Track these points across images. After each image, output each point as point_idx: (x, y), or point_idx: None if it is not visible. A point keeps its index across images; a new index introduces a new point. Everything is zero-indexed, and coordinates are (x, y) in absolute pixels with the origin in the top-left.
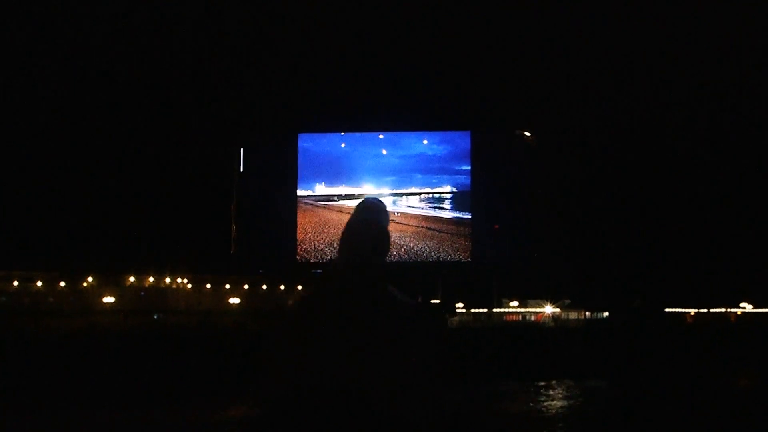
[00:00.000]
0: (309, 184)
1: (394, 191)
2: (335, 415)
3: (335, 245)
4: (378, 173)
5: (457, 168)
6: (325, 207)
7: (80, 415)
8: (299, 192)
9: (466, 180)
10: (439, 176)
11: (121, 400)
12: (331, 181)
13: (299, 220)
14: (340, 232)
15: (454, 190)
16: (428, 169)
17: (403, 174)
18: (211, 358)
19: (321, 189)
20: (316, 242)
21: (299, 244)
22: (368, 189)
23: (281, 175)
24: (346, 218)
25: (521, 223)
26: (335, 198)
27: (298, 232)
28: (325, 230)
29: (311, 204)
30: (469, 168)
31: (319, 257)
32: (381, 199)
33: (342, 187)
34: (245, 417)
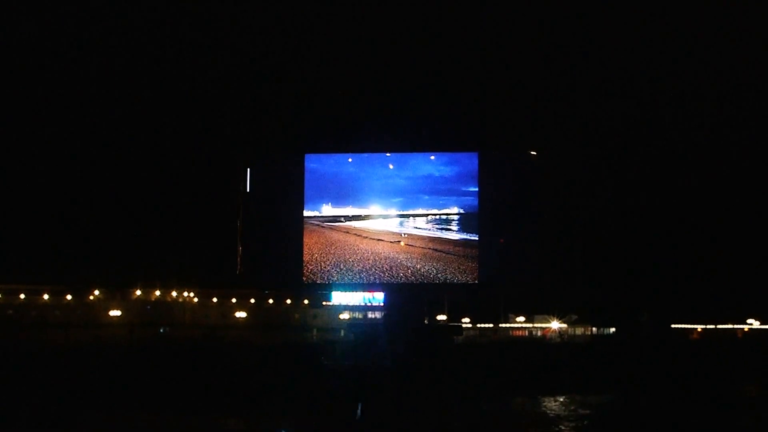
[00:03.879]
0: (316, 205)
1: (402, 212)
2: None
3: (342, 266)
4: (385, 194)
5: (464, 189)
6: (331, 228)
7: (83, 425)
8: (306, 213)
9: (473, 201)
10: (446, 197)
11: (126, 411)
12: (337, 201)
13: (306, 240)
14: (346, 253)
15: (461, 211)
16: (435, 191)
17: (411, 195)
18: (216, 371)
19: (327, 210)
20: (322, 263)
21: (305, 265)
22: (375, 210)
23: (288, 195)
24: (352, 239)
25: (529, 242)
26: (342, 219)
27: (305, 252)
28: (332, 251)
29: (317, 225)
30: (477, 189)
31: (326, 278)
32: (389, 219)
33: (348, 208)
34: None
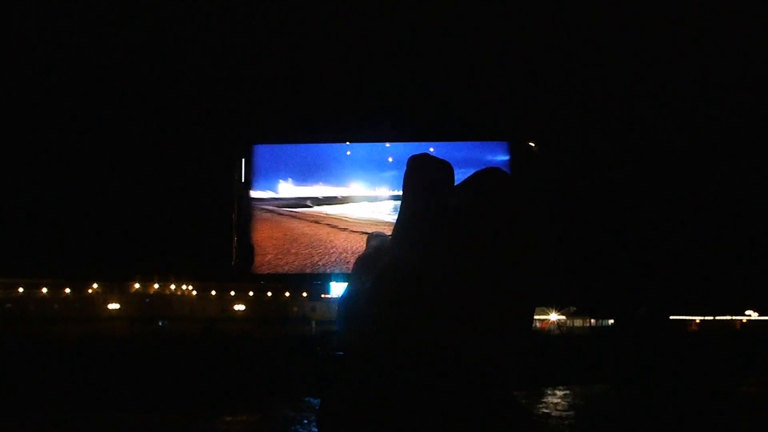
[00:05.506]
0: (270, 183)
1: (396, 193)
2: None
3: (309, 272)
4: (371, 166)
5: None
6: (292, 216)
7: (84, 419)
8: (256, 194)
9: None
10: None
11: (126, 405)
12: (301, 176)
13: (256, 235)
14: (315, 254)
15: None
16: None
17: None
18: (215, 365)
19: (286, 189)
20: (278, 267)
21: (256, 269)
22: (357, 189)
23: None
24: (323, 233)
25: None
26: (308, 203)
27: (256, 252)
28: (293, 249)
29: (271, 210)
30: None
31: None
32: (378, 202)
33: (318, 186)
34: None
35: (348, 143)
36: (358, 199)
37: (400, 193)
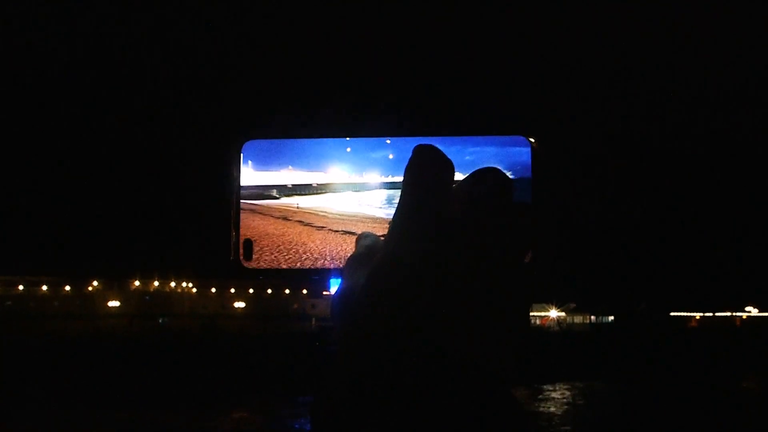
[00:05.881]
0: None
1: (391, 180)
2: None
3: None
4: (358, 147)
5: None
6: (254, 209)
7: (84, 417)
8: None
9: None
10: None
11: (125, 403)
12: (265, 159)
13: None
14: (283, 261)
15: None
16: None
17: (403, 148)
18: (215, 362)
19: (246, 175)
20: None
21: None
22: (339, 175)
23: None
24: (295, 233)
25: None
26: (273, 192)
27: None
28: (254, 255)
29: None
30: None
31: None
32: (370, 190)
33: (286, 170)
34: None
35: (348, 138)
36: (340, 187)
37: (394, 179)
